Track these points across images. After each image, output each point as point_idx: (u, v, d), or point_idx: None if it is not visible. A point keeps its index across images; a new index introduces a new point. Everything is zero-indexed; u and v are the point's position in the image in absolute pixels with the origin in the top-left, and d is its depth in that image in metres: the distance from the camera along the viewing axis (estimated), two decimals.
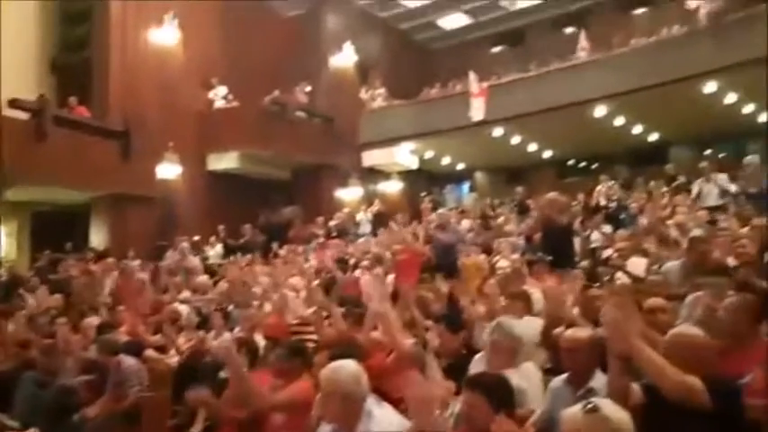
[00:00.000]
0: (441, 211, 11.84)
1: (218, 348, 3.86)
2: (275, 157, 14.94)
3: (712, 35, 11.95)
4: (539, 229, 7.59)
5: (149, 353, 5.84)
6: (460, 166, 20.01)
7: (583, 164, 18.70)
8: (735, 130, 14.95)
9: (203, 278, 9.53)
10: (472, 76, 14.77)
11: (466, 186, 20.41)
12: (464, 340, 4.23)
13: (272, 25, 16.30)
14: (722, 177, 9.33)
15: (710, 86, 12.42)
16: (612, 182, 12.34)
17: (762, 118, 14.52)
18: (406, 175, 18.11)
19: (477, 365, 3.49)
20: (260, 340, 5.12)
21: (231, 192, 14.24)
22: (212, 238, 12.85)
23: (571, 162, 18.78)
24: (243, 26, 15.22)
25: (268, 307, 6.09)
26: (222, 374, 4.11)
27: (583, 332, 3.04)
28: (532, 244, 7.92)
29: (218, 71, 14.83)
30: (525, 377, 3.20)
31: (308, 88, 16.19)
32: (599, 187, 11.99)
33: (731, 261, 4.83)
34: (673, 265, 5.18)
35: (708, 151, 15.22)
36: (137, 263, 10.90)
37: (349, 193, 16.17)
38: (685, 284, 4.63)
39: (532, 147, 17.30)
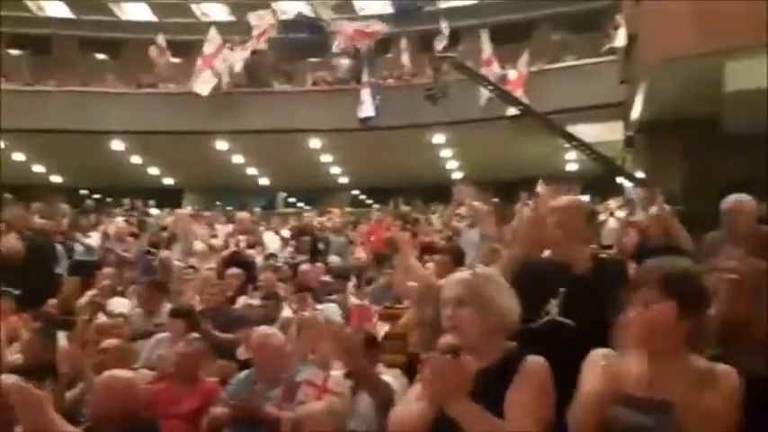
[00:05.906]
0: None
1: None
2: None
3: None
4: None
5: None
6: None
7: (98, 195, 17.77)
8: (241, 186, 16.89)
9: None
10: None
11: None
12: None
13: None
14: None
15: (222, 144, 13.72)
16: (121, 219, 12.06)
17: (263, 181, 16.87)
18: None
19: None
20: None
21: None
22: None
23: (85, 191, 17.63)
24: None
25: None
26: None
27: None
28: None
29: None
30: None
31: None
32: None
33: (198, 304, 5.24)
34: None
35: (218, 202, 16.56)
36: None
37: None
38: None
39: (39, 167, 15.62)
